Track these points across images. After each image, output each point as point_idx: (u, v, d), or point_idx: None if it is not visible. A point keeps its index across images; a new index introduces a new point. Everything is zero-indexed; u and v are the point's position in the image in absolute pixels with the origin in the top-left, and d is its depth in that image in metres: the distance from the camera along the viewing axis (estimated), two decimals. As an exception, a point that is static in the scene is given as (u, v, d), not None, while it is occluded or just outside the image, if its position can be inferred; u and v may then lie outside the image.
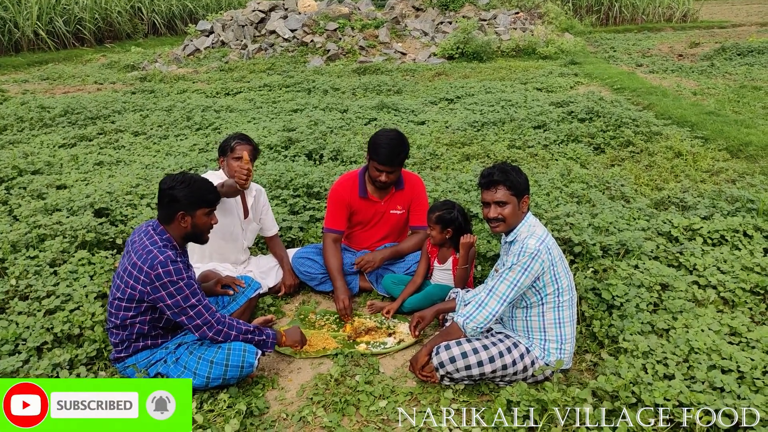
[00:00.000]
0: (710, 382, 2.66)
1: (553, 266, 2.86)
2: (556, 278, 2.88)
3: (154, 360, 2.93)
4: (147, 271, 2.74)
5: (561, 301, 2.91)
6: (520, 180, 2.95)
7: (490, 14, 18.54)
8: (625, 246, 3.97)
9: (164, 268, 2.75)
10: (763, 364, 2.75)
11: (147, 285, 2.76)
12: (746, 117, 8.03)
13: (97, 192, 5.16)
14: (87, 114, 8.95)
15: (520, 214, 2.97)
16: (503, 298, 2.82)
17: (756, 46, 13.94)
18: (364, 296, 4.06)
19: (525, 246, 2.84)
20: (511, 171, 2.95)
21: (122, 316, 2.85)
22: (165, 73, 13.82)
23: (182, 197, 2.90)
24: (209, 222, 3.04)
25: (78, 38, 20.30)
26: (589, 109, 7.82)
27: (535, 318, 2.95)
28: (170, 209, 2.92)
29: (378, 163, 3.68)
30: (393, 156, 3.66)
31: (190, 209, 2.93)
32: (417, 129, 7.97)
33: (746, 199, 4.67)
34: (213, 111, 9.26)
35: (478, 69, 13.64)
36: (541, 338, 2.95)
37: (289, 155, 6.71)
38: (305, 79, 12.19)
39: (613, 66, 13.56)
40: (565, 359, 2.96)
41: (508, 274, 2.83)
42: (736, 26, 23.58)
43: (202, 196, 2.97)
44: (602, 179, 5.58)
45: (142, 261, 2.77)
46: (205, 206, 2.98)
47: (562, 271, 2.92)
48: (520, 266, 2.81)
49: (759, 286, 3.51)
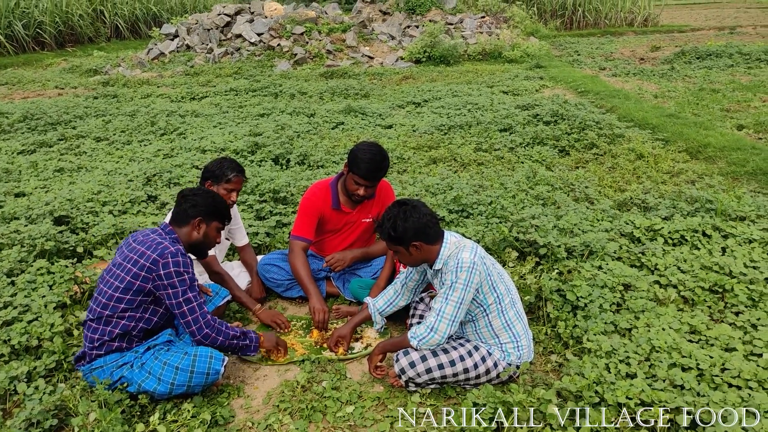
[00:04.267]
0: (671, 380, 2.71)
1: (489, 276, 2.87)
2: (493, 287, 2.89)
3: (121, 362, 2.87)
4: (155, 258, 2.81)
5: (503, 306, 2.92)
6: (394, 232, 2.87)
7: (456, 18, 18.67)
8: (589, 247, 4.02)
9: (174, 258, 2.83)
10: (721, 362, 2.81)
11: (153, 272, 2.81)
12: (705, 119, 8.22)
13: (57, 199, 5.05)
14: (47, 119, 8.76)
15: (421, 253, 2.91)
16: (452, 319, 2.81)
17: (714, 49, 14.28)
18: (331, 301, 4.04)
19: (460, 261, 2.81)
20: (387, 221, 2.90)
21: (112, 307, 2.83)
22: (128, 78, 13.60)
23: (204, 205, 3.09)
24: (217, 237, 3.20)
25: (38, 42, 19.86)
26: (554, 112, 7.92)
27: (484, 328, 2.96)
28: (188, 214, 3.06)
29: (359, 177, 3.64)
30: (375, 172, 3.64)
31: (207, 218, 3.09)
32: (384, 133, 7.98)
33: (705, 199, 4.77)
34: (178, 116, 9.14)
35: (445, 72, 13.73)
36: (496, 342, 2.97)
37: (256, 160, 6.66)
38: (272, 83, 12.12)
39: (578, 69, 13.76)
40: (524, 354, 2.98)
41: (452, 294, 2.80)
42: (695, 30, 24.17)
43: (221, 211, 3.17)
44: (567, 181, 5.65)
45: (152, 250, 2.83)
46: (219, 221, 3.17)
47: (497, 278, 2.92)
48: (461, 283, 2.78)
49: (717, 284, 3.59)
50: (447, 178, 5.73)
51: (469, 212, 4.87)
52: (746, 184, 5.69)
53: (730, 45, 14.81)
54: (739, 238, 4.15)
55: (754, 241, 4.12)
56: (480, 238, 4.25)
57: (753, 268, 3.75)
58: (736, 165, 6.13)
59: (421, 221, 2.86)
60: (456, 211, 4.88)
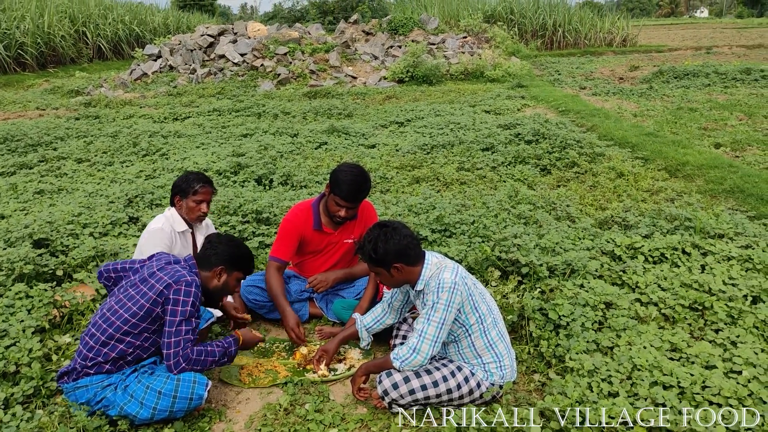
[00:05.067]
0: (653, 399, 2.72)
1: (471, 296, 2.89)
2: (475, 307, 2.90)
3: (106, 383, 2.82)
4: (170, 283, 2.81)
5: (485, 326, 2.93)
6: (375, 254, 2.90)
7: (438, 38, 18.88)
8: (570, 266, 4.05)
9: (188, 287, 2.84)
10: (702, 379, 2.83)
11: (164, 296, 2.81)
12: (683, 137, 8.35)
13: (37, 222, 4.99)
14: (28, 141, 8.69)
15: (402, 274, 2.93)
16: (434, 339, 2.81)
17: (691, 69, 14.56)
18: (314, 322, 4.02)
19: (441, 281, 2.82)
20: (368, 243, 2.92)
21: (116, 327, 2.80)
22: (111, 98, 13.56)
23: (228, 254, 3.10)
24: (236, 287, 3.23)
25: (19, 63, 19.79)
26: (536, 131, 8.01)
27: (467, 348, 2.97)
28: (211, 261, 3.07)
29: (341, 199, 3.65)
30: (356, 193, 3.65)
31: (229, 268, 3.11)
32: (367, 152, 8.01)
33: (684, 217, 4.83)
34: (161, 136, 9.12)
35: (427, 92, 13.85)
36: (479, 362, 2.97)
37: (239, 181, 6.65)
38: (255, 103, 12.14)
39: (558, 89, 13.95)
40: (507, 374, 2.99)
41: (434, 315, 2.81)
42: (673, 50, 24.61)
43: (244, 262, 3.18)
44: (548, 200, 5.70)
45: (169, 276, 2.85)
46: (242, 272, 3.19)
47: (479, 298, 2.94)
48: (443, 303, 2.79)
49: (697, 302, 3.63)
50: (430, 198, 5.75)
51: (452, 232, 4.89)
52: (724, 201, 5.77)
53: (707, 65, 15.12)
54: (718, 256, 4.21)
55: (732, 259, 4.17)
56: (463, 257, 4.26)
57: (732, 286, 3.79)
58: (714, 183, 6.22)
59: (402, 243, 2.88)
60: (439, 231, 4.89)
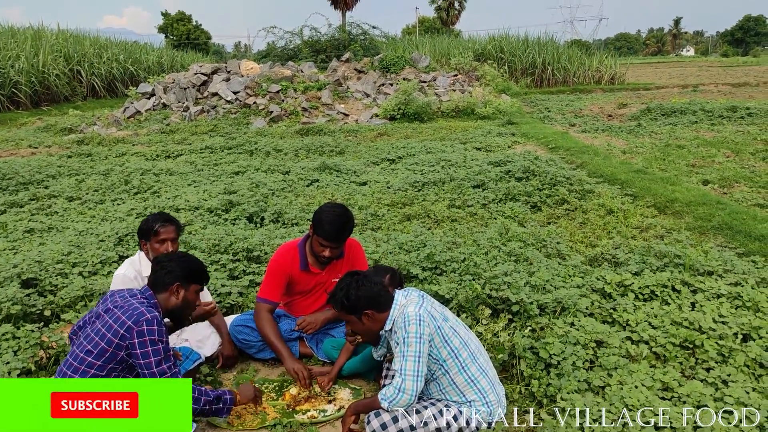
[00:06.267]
0: (645, 440, 2.70)
1: (439, 329, 2.91)
2: (445, 340, 2.92)
3: None
4: (130, 326, 2.76)
5: (462, 361, 2.93)
6: (347, 302, 2.97)
7: (429, 76, 19.14)
8: (561, 303, 4.05)
9: (149, 326, 2.77)
10: (693, 420, 2.82)
11: (127, 340, 2.75)
12: (671, 174, 8.44)
13: (26, 261, 4.97)
14: (19, 179, 8.70)
15: (372, 321, 3.01)
16: (415, 374, 2.82)
17: (678, 106, 14.80)
18: (303, 362, 3.98)
19: (406, 315, 2.88)
20: (340, 291, 3.00)
21: (83, 372, 2.75)
22: (103, 136, 13.63)
23: (180, 269, 3.06)
24: (196, 300, 3.19)
25: (13, 102, 19.89)
26: (526, 168, 8.08)
27: (449, 386, 2.97)
28: (166, 279, 3.03)
29: (323, 239, 3.67)
30: (339, 233, 3.67)
31: (185, 282, 3.07)
32: (359, 190, 8.05)
33: (673, 254, 4.85)
34: (152, 174, 9.14)
35: (419, 129, 13.98)
36: (464, 400, 2.96)
37: (230, 218, 6.65)
38: (247, 140, 12.22)
39: (548, 126, 14.12)
40: (494, 410, 2.97)
41: (408, 350, 2.83)
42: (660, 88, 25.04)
43: (199, 273, 3.15)
44: (539, 237, 5.72)
45: (128, 316, 2.78)
46: (198, 283, 3.15)
47: (449, 330, 2.95)
48: (413, 336, 2.83)
49: (688, 340, 3.62)
50: (421, 235, 5.76)
51: (443, 270, 4.89)
52: (713, 238, 5.81)
53: (694, 102, 15.37)
54: (708, 293, 4.22)
55: (722, 296, 4.18)
56: (453, 295, 4.26)
57: (722, 323, 3.79)
58: (703, 220, 6.27)
59: (374, 290, 2.98)
60: (429, 269, 4.89)
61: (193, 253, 5.15)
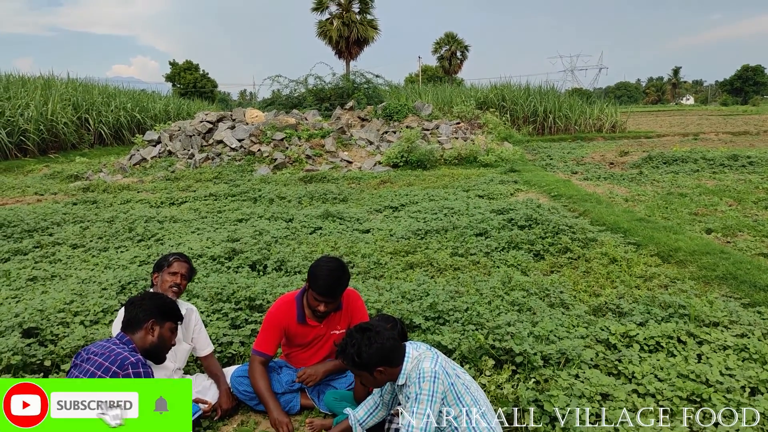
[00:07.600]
0: (653, 498, 2.64)
1: (452, 386, 2.87)
2: (458, 397, 2.87)
3: None
4: (115, 371, 2.75)
5: (472, 418, 2.88)
6: (359, 359, 2.89)
7: (432, 124, 19.37)
8: (565, 355, 4.01)
9: (135, 369, 2.79)
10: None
11: None
12: (674, 223, 8.45)
13: (28, 310, 4.95)
14: (24, 227, 8.74)
15: (385, 376, 2.94)
16: None
17: (680, 155, 14.91)
18: (305, 413, 3.93)
19: (422, 371, 2.82)
20: (351, 348, 2.92)
21: None
22: (109, 183, 13.75)
23: (154, 306, 3.12)
24: (172, 338, 3.21)
25: (21, 149, 20.15)
26: (528, 216, 8.10)
27: None
28: (140, 318, 3.06)
29: (318, 294, 3.66)
30: (333, 288, 3.65)
31: (160, 319, 3.11)
32: (362, 237, 8.06)
33: (678, 305, 4.82)
34: (156, 222, 9.18)
35: (422, 177, 14.08)
36: None
37: (233, 266, 6.65)
38: (251, 187, 12.31)
39: (551, 173, 14.21)
40: None
41: (418, 407, 2.78)
42: (661, 136, 25.27)
43: (171, 311, 3.20)
44: (542, 286, 5.69)
45: (110, 361, 2.78)
46: (172, 321, 3.19)
47: (462, 388, 2.90)
48: (426, 394, 2.78)
49: (695, 393, 3.57)
50: (423, 284, 5.74)
51: (446, 319, 4.86)
52: (717, 288, 5.78)
53: (695, 151, 15.49)
54: (714, 345, 4.17)
55: (728, 348, 4.14)
56: (456, 345, 4.21)
57: (729, 376, 3.74)
58: (707, 269, 6.24)
59: (386, 346, 2.89)
60: (432, 318, 4.86)
61: (194, 302, 5.14)
